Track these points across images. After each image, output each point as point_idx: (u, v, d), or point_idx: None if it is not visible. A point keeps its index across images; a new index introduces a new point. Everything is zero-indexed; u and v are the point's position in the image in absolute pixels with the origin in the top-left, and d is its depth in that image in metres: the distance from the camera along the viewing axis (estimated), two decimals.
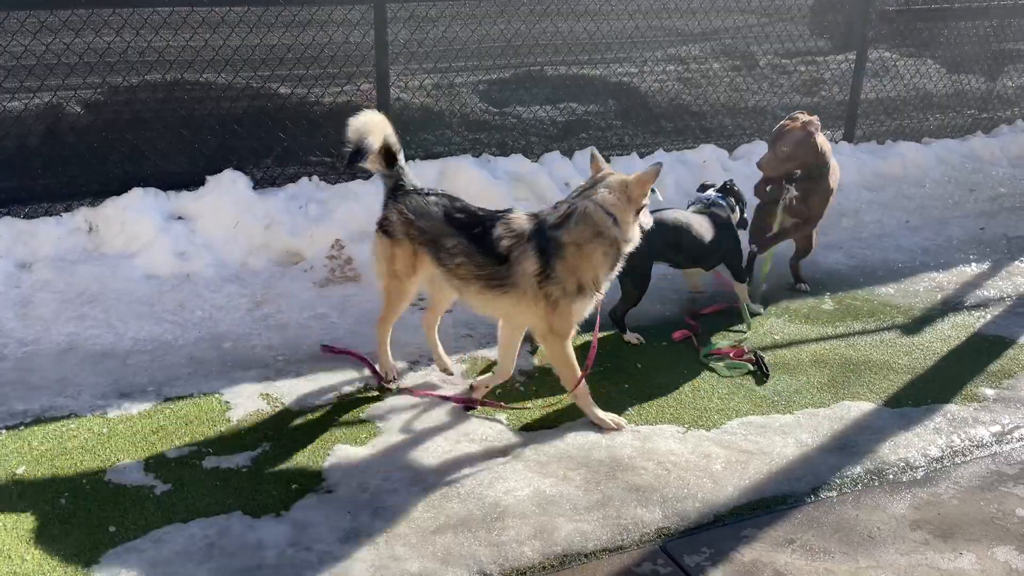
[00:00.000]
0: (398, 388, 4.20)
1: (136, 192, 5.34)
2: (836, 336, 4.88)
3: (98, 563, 3.03)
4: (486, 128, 6.88)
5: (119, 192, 5.33)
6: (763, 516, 3.34)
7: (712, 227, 4.84)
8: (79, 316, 4.68)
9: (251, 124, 5.99)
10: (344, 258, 5.30)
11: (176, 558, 3.05)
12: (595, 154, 3.99)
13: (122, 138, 5.74)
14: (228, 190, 5.49)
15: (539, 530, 3.22)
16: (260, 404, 4.04)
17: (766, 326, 4.98)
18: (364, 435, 3.81)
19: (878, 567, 3.09)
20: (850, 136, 7.72)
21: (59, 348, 4.45)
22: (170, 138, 5.83)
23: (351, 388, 4.19)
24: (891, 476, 3.62)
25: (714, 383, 4.33)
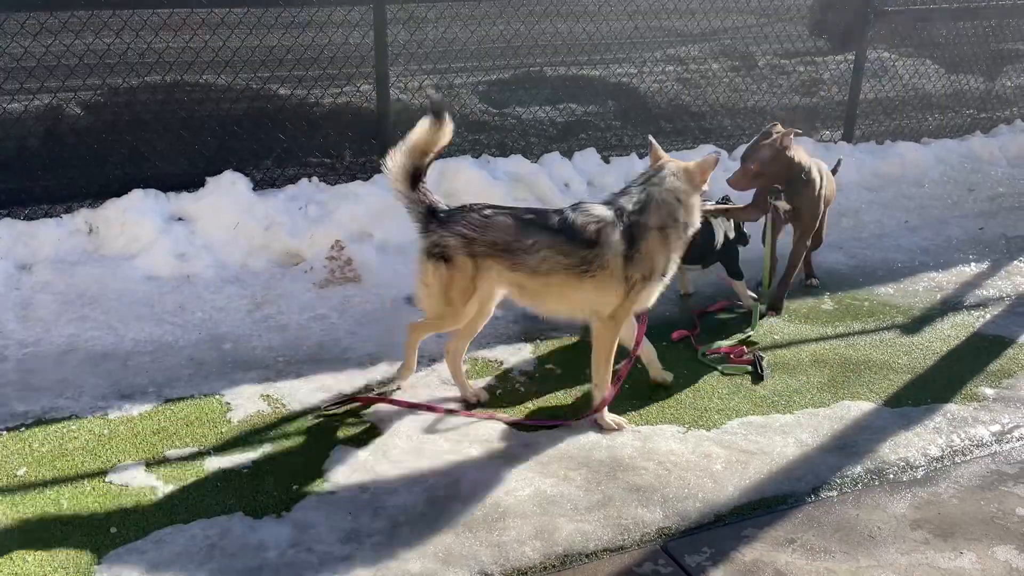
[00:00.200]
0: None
1: (136, 193, 5.34)
2: (836, 336, 4.88)
3: (99, 564, 3.03)
4: (486, 129, 6.89)
5: (119, 193, 5.33)
6: (764, 516, 3.35)
7: (709, 225, 4.84)
8: (79, 317, 4.68)
9: (251, 125, 5.99)
10: (344, 259, 5.30)
11: (177, 559, 3.05)
12: (653, 142, 4.10)
13: (122, 139, 5.74)
14: (228, 191, 5.49)
15: (540, 530, 3.22)
16: (261, 405, 4.04)
17: (766, 326, 4.98)
18: (364, 436, 3.81)
19: (879, 566, 3.09)
20: (849, 136, 7.73)
21: (59, 349, 4.45)
22: (170, 139, 5.84)
23: (352, 389, 4.19)
24: (891, 476, 3.62)
25: (714, 383, 4.34)
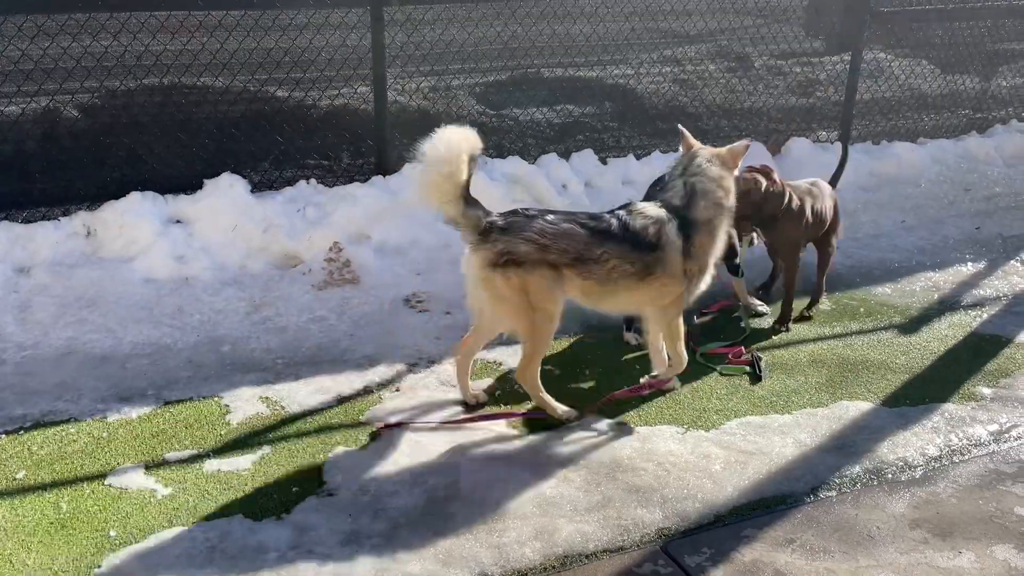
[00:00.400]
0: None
1: (134, 196, 5.33)
2: (834, 336, 4.89)
3: (99, 567, 3.03)
4: (483, 130, 6.77)
5: (117, 196, 5.31)
6: (763, 516, 3.36)
7: None
8: (78, 320, 4.68)
9: (248, 128, 5.98)
10: (342, 260, 5.30)
11: (177, 562, 3.05)
12: (684, 131, 4.18)
13: (120, 142, 5.74)
14: (226, 193, 5.49)
15: (540, 531, 3.23)
16: (260, 407, 4.04)
17: (764, 327, 4.99)
18: (364, 437, 3.82)
19: (878, 566, 3.10)
20: (846, 136, 7.74)
21: (58, 352, 4.45)
22: (167, 142, 5.83)
23: (351, 391, 4.19)
24: (890, 475, 3.63)
25: (713, 384, 4.35)
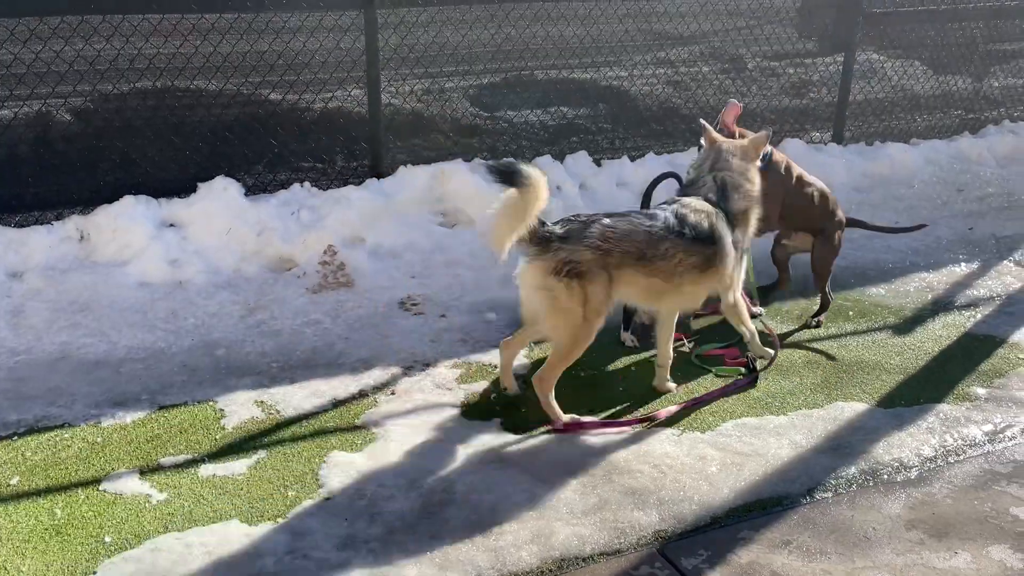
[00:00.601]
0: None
1: (127, 200, 5.31)
2: (828, 337, 4.90)
3: (95, 573, 3.01)
4: (477, 133, 6.89)
5: (110, 200, 5.30)
6: (759, 518, 3.36)
7: None
8: (71, 325, 4.66)
9: (242, 131, 5.97)
10: (337, 264, 5.29)
11: (173, 567, 3.04)
12: (705, 124, 4.30)
13: (113, 146, 5.72)
14: (220, 197, 5.47)
15: (536, 534, 3.22)
16: (255, 411, 4.03)
17: (761, 327, 4.98)
18: (360, 441, 3.81)
19: (874, 567, 3.11)
20: (839, 137, 7.76)
21: (51, 357, 4.43)
22: (161, 145, 5.82)
23: (346, 394, 4.18)
24: (885, 476, 3.64)
25: (708, 385, 4.35)
